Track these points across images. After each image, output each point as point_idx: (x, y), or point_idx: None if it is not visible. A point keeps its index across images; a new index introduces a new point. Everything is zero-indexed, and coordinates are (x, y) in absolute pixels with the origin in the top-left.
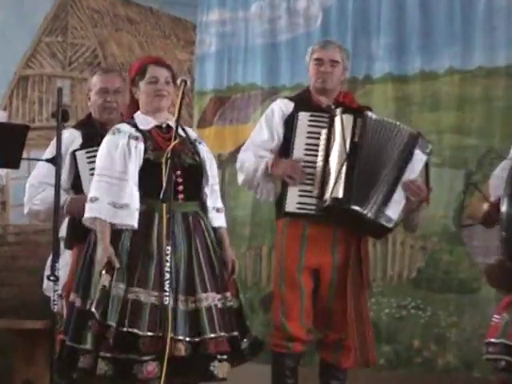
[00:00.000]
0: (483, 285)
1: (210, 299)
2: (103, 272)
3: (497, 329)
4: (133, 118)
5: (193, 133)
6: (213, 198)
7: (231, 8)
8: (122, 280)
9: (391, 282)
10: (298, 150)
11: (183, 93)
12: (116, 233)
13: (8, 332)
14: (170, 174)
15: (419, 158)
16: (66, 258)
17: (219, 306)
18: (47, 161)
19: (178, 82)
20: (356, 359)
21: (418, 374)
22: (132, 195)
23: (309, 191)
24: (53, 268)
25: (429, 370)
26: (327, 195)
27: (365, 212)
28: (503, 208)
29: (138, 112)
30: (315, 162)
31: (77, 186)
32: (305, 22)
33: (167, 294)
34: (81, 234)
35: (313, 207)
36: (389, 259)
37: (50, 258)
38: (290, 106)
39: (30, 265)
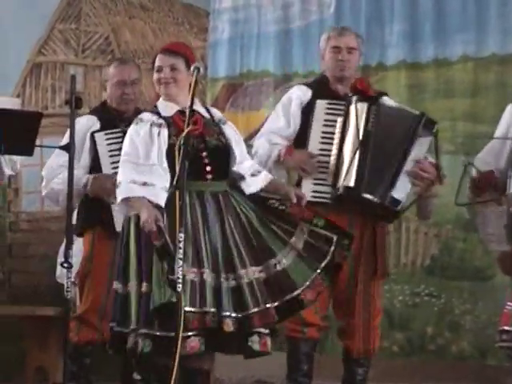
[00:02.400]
0: (497, 272)
1: (251, 274)
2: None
3: (510, 316)
4: (155, 106)
5: (218, 113)
6: (245, 169)
7: None
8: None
9: (405, 270)
10: (314, 138)
11: (196, 80)
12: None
13: (21, 319)
14: (184, 161)
15: (424, 140)
16: (79, 245)
17: (263, 277)
18: (61, 148)
19: (191, 69)
20: (359, 348)
21: (432, 361)
22: (156, 175)
23: (323, 179)
24: (66, 255)
25: (442, 358)
26: (339, 184)
27: (375, 199)
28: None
29: (160, 99)
30: (330, 150)
31: (96, 167)
32: (318, 8)
33: (180, 280)
34: (95, 217)
35: (327, 195)
36: (402, 247)
37: (63, 244)
38: (308, 94)
39: (43, 252)
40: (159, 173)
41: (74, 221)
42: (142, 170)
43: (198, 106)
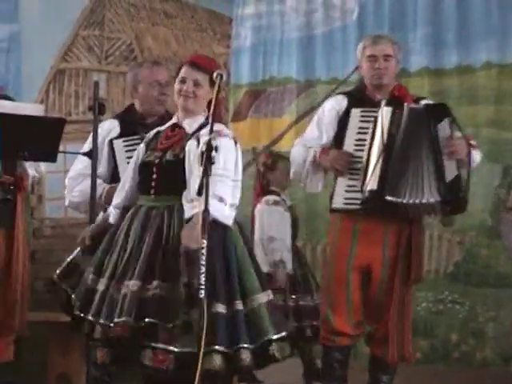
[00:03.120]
0: None
1: (130, 286)
2: None
3: None
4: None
5: (213, 128)
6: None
7: (267, 1)
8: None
9: (428, 276)
10: (348, 146)
11: (219, 87)
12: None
13: (44, 325)
14: (206, 169)
15: (443, 123)
16: None
17: (138, 292)
18: (84, 154)
19: (214, 75)
20: (394, 354)
21: (456, 368)
22: (116, 194)
23: (354, 186)
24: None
25: (466, 365)
26: (364, 188)
27: (400, 200)
28: None
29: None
30: (362, 158)
31: (114, 175)
32: (341, 15)
33: (203, 287)
34: None
35: (358, 201)
36: (426, 253)
37: None
38: (343, 103)
39: (66, 258)
40: (118, 192)
41: None
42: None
43: (190, 121)
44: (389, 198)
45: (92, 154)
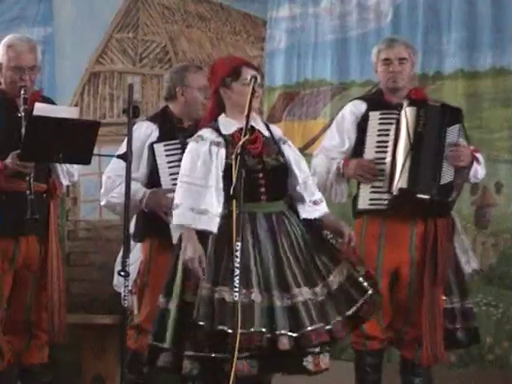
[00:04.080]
0: None
1: (305, 293)
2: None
3: None
4: (216, 121)
5: (278, 131)
6: (307, 192)
7: (301, 4)
8: (208, 280)
9: None
10: (370, 149)
11: (253, 89)
12: (201, 237)
13: (79, 327)
14: (240, 170)
15: (453, 128)
16: (136, 253)
17: (312, 299)
18: (118, 157)
19: (248, 78)
20: (428, 356)
21: (490, 371)
22: (212, 201)
23: (380, 187)
24: (123, 263)
25: (501, 367)
26: (393, 187)
27: (430, 197)
28: None
29: (223, 115)
30: (385, 158)
31: (154, 179)
32: (375, 17)
33: (237, 289)
34: (153, 228)
35: (384, 202)
36: None
37: (120, 253)
38: (362, 108)
39: (101, 260)
40: (213, 198)
41: (132, 229)
42: (200, 194)
43: (258, 124)
44: (421, 195)
45: (126, 157)
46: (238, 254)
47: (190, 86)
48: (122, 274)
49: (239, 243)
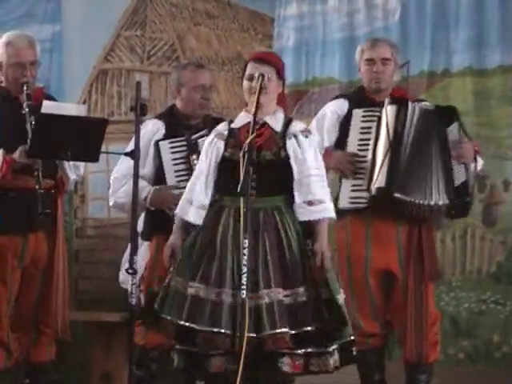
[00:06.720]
0: None
1: (273, 295)
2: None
3: None
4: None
5: (297, 127)
6: (301, 191)
7: (309, 1)
8: (182, 275)
9: (470, 277)
10: (352, 146)
11: (261, 87)
12: (188, 228)
13: (87, 325)
14: (248, 168)
15: (452, 127)
16: (143, 251)
17: (286, 301)
18: (126, 154)
19: (256, 75)
20: (412, 355)
21: (498, 368)
22: (198, 193)
23: (360, 185)
24: (131, 261)
25: (509, 365)
26: (372, 186)
27: (408, 199)
28: None
29: (245, 108)
30: (366, 156)
31: (159, 176)
32: (383, 15)
33: (244, 288)
34: (160, 226)
35: (363, 200)
36: (468, 254)
37: (127, 251)
38: (344, 106)
39: (109, 258)
40: (200, 190)
41: (140, 227)
42: (192, 184)
43: (271, 118)
44: (397, 195)
45: (134, 155)
46: (245, 251)
47: (185, 84)
48: (130, 271)
49: (247, 240)
